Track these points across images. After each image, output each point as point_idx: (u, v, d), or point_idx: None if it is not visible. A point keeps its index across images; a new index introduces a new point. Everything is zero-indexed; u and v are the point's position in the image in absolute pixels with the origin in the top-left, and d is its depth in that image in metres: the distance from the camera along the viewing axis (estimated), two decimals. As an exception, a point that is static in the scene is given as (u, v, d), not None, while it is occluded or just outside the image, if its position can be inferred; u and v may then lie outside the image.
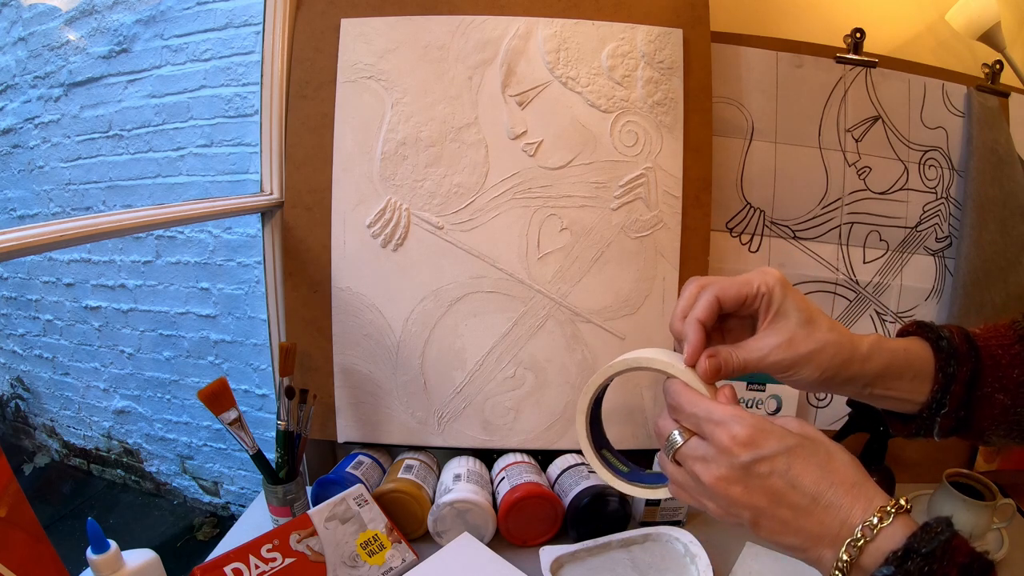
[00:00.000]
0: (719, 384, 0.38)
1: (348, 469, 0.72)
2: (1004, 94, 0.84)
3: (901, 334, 0.44)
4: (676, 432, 0.36)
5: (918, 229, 0.83)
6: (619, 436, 0.78)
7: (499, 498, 0.70)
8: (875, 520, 0.30)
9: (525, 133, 0.74)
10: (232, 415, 0.64)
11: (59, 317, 2.01)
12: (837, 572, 0.31)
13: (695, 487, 0.36)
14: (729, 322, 0.42)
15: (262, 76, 0.75)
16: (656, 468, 0.46)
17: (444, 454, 0.80)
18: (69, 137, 1.80)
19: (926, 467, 0.83)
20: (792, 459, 0.32)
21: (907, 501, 0.31)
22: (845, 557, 0.30)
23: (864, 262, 0.83)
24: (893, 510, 0.30)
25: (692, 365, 0.38)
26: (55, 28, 1.73)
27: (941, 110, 0.82)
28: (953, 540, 0.29)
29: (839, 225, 0.82)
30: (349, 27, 0.73)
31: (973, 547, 0.30)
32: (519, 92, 0.73)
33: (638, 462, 0.45)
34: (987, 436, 0.42)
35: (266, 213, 0.76)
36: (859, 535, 0.30)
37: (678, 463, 0.36)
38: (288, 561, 0.59)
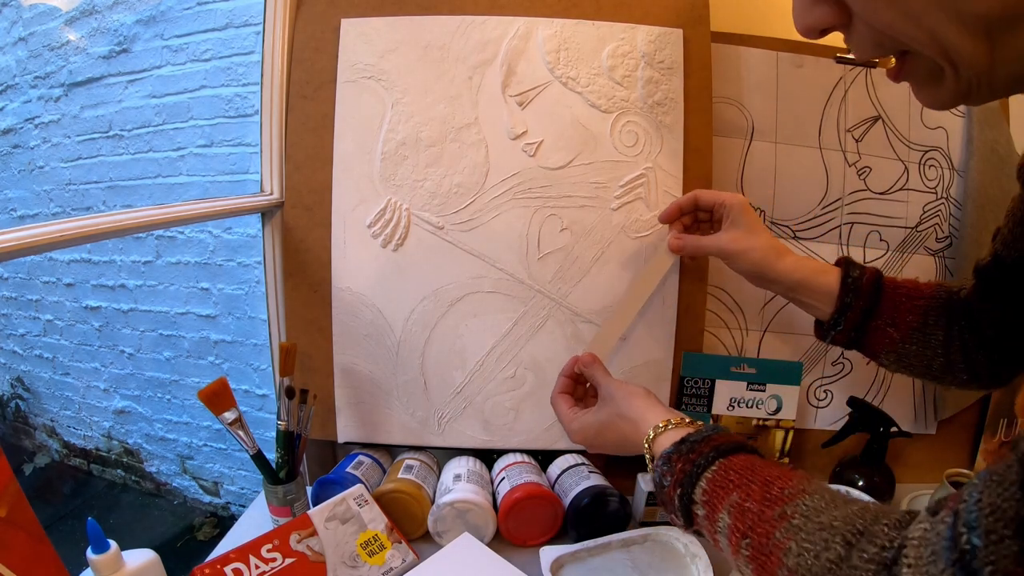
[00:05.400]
0: None
1: (348, 469, 0.72)
2: (1004, 94, 0.84)
3: (836, 265, 0.58)
4: None
5: (918, 229, 0.83)
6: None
7: (499, 498, 0.70)
8: (660, 426, 0.47)
9: (525, 133, 0.74)
10: (232, 415, 0.64)
11: (59, 317, 2.01)
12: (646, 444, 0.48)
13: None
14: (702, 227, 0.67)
15: (262, 76, 0.75)
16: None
17: (444, 454, 0.80)
18: (69, 137, 1.80)
19: (926, 467, 0.83)
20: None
21: (690, 422, 0.47)
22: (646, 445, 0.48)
23: (864, 262, 0.83)
24: (675, 422, 0.47)
25: (665, 222, 0.67)
26: (55, 28, 1.73)
27: (941, 110, 0.82)
28: (715, 434, 0.43)
29: (839, 225, 0.82)
30: (349, 27, 0.73)
31: (732, 437, 0.42)
32: (519, 92, 0.73)
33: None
34: (880, 358, 0.57)
35: (266, 213, 0.76)
36: (651, 433, 0.47)
37: None
38: (288, 561, 0.59)
